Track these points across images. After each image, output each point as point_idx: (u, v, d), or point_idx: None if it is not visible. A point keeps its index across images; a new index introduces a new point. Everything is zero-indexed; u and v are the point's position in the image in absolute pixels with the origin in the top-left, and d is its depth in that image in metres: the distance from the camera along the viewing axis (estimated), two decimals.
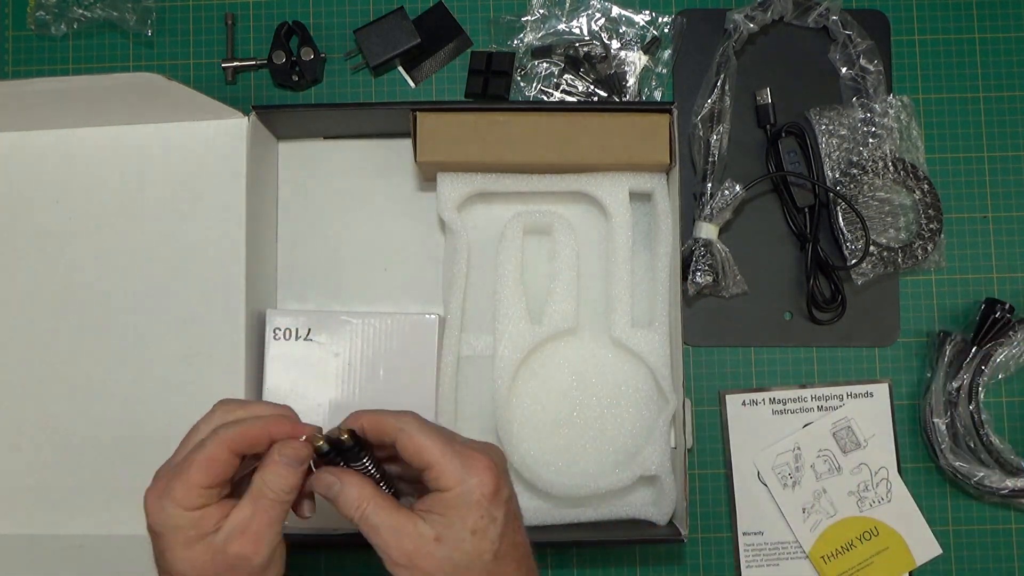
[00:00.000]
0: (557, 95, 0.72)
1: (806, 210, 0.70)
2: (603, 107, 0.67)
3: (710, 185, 0.70)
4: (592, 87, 0.72)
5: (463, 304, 0.67)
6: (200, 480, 0.45)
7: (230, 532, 0.46)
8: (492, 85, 0.71)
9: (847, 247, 0.70)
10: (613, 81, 0.71)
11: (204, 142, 0.68)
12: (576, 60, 0.71)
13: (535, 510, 0.66)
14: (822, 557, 0.69)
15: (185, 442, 0.49)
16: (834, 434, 0.70)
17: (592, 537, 0.66)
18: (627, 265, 0.67)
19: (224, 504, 0.47)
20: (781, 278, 0.72)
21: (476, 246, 0.69)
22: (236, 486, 0.49)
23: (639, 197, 0.69)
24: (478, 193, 0.68)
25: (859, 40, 0.71)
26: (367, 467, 0.49)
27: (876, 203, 0.71)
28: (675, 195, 0.66)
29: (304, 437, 0.48)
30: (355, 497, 0.47)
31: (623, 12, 0.73)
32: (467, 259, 0.67)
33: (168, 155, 0.69)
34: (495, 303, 0.67)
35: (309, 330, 0.66)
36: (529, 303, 0.67)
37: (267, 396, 0.66)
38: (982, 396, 0.68)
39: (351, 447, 0.48)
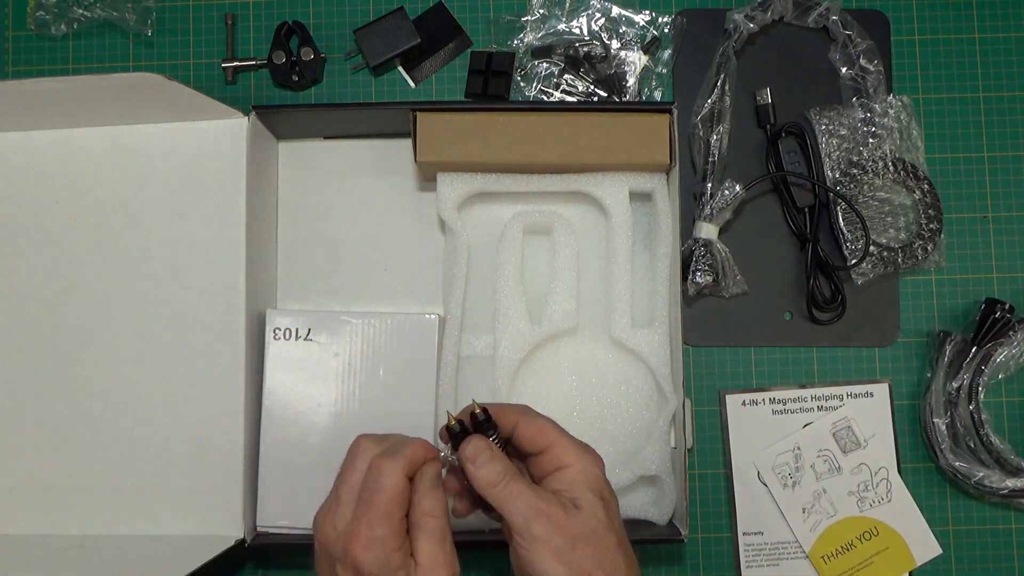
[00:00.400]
0: (557, 95, 0.72)
1: (806, 210, 0.70)
2: (603, 107, 0.67)
3: (710, 185, 0.70)
4: (592, 87, 0.72)
5: (463, 304, 0.67)
6: (400, 514, 0.48)
7: (430, 569, 0.48)
8: (492, 85, 0.71)
9: (847, 247, 0.70)
10: (613, 81, 0.71)
11: (204, 142, 0.68)
12: (576, 60, 0.71)
13: None
14: (822, 557, 0.69)
15: (350, 488, 0.50)
16: (834, 434, 0.70)
17: None
18: (627, 265, 0.67)
19: (406, 538, 0.49)
20: (781, 278, 0.72)
21: (476, 246, 0.69)
22: None
23: (639, 197, 0.69)
24: (478, 193, 0.68)
25: (859, 40, 0.71)
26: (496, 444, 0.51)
27: (876, 203, 0.71)
28: (675, 195, 0.66)
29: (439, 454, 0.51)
30: (501, 468, 0.49)
31: (623, 12, 0.73)
32: (467, 259, 0.67)
33: (168, 155, 0.69)
34: (495, 303, 0.67)
35: (309, 330, 0.66)
36: (529, 303, 0.67)
37: (267, 396, 0.66)
38: (982, 396, 0.68)
39: (484, 421, 0.51)
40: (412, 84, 0.74)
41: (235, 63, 0.73)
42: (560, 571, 0.47)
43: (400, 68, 0.74)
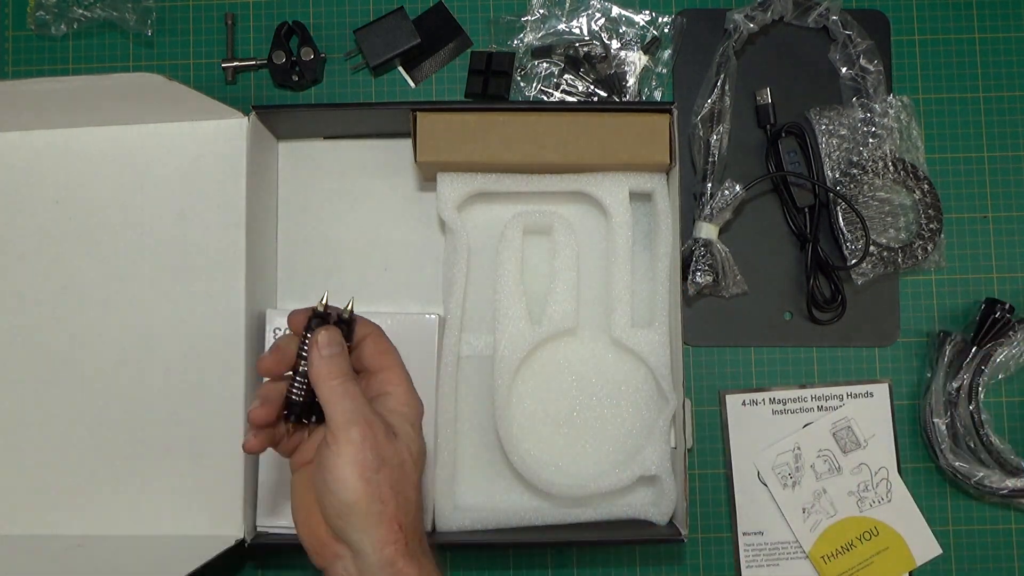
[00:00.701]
0: (557, 95, 0.72)
1: (806, 210, 0.70)
2: (603, 107, 0.67)
3: (710, 185, 0.70)
4: (592, 87, 0.72)
5: (463, 304, 0.67)
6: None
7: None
8: (492, 85, 0.71)
9: (847, 247, 0.70)
10: (613, 81, 0.71)
11: (204, 142, 0.68)
12: (576, 60, 0.71)
13: (535, 510, 0.66)
14: (822, 557, 0.69)
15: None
16: (834, 434, 0.70)
17: (592, 537, 0.66)
18: (627, 265, 0.67)
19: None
20: (781, 278, 0.72)
21: (476, 246, 0.68)
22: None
23: (639, 197, 0.69)
24: (478, 193, 0.68)
25: (859, 40, 0.71)
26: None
27: (876, 203, 0.71)
28: (675, 195, 0.66)
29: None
30: (346, 366, 0.49)
31: (623, 12, 0.73)
32: (467, 259, 0.67)
33: (168, 155, 0.69)
34: (495, 303, 0.67)
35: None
36: (529, 303, 0.67)
37: None
38: (982, 396, 0.68)
39: (347, 321, 0.51)
40: (412, 84, 0.74)
41: (235, 63, 0.73)
42: (358, 484, 0.47)
43: (400, 68, 0.74)
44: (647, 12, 0.73)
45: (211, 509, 0.66)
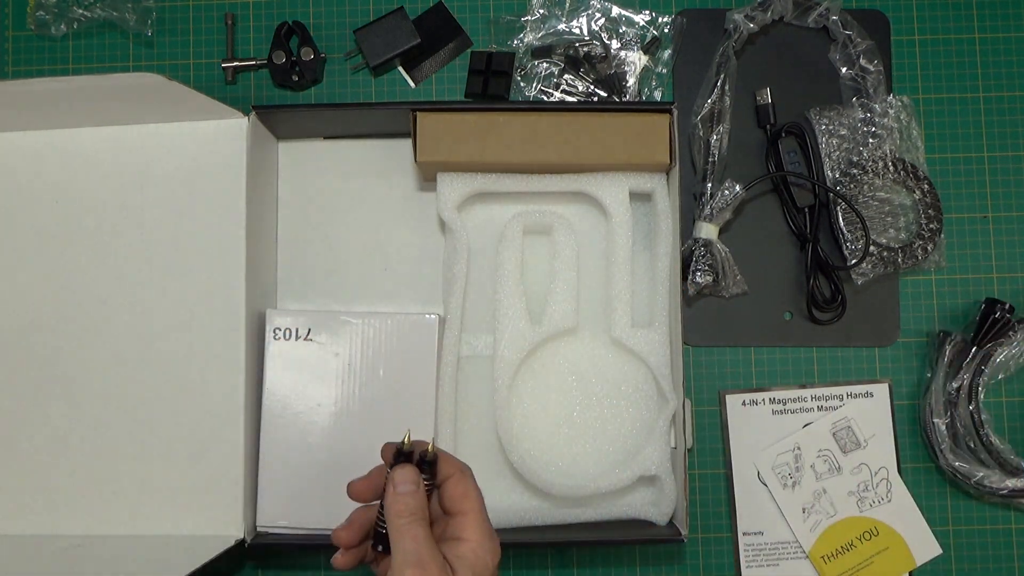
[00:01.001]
0: (557, 95, 0.72)
1: (806, 210, 0.70)
2: (603, 107, 0.67)
3: (710, 185, 0.70)
4: (592, 87, 0.72)
5: (463, 304, 0.67)
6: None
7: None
8: (492, 85, 0.71)
9: (847, 247, 0.70)
10: (613, 81, 0.71)
11: (204, 142, 0.68)
12: (576, 60, 0.71)
13: (535, 510, 0.66)
14: (822, 557, 0.69)
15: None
16: (834, 434, 0.70)
17: (592, 537, 0.66)
18: (627, 265, 0.67)
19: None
20: (781, 278, 0.72)
21: (476, 246, 0.68)
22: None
23: (639, 197, 0.69)
24: (478, 193, 0.68)
25: (859, 40, 0.71)
26: (427, 488, 0.51)
27: (876, 203, 0.71)
28: (675, 195, 0.66)
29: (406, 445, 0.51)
30: (416, 506, 0.49)
31: (623, 12, 0.73)
32: (467, 259, 0.67)
33: (168, 155, 0.69)
34: (495, 303, 0.67)
35: (309, 330, 0.66)
36: (529, 303, 0.67)
37: (267, 396, 0.66)
38: (982, 396, 0.68)
39: (429, 462, 0.51)
40: (412, 84, 0.74)
41: (235, 63, 0.73)
42: None
43: (400, 68, 0.74)
44: (647, 12, 0.73)
45: (211, 509, 0.66)
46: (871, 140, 0.70)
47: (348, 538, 0.52)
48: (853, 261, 0.69)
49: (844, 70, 0.72)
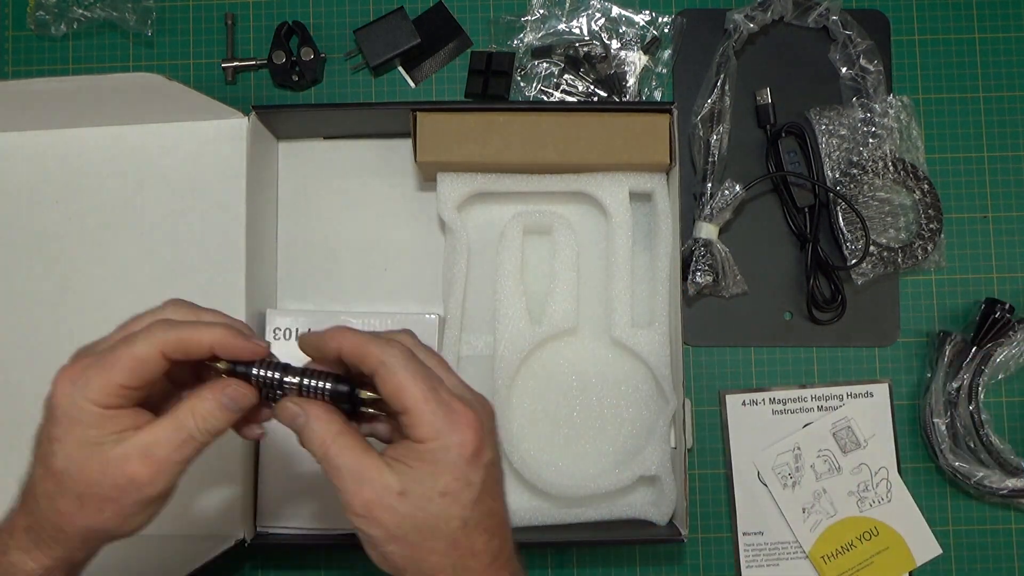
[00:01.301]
0: (557, 95, 0.72)
1: (806, 210, 0.70)
2: (603, 107, 0.67)
3: (710, 185, 0.70)
4: (592, 87, 0.72)
5: (463, 304, 0.67)
6: (121, 378, 0.42)
7: (131, 450, 0.42)
8: (492, 85, 0.71)
9: (847, 247, 0.70)
10: (613, 81, 0.71)
11: (204, 142, 0.68)
12: (576, 60, 0.71)
13: (535, 510, 0.66)
14: (822, 557, 0.69)
15: (120, 329, 0.45)
16: (834, 434, 0.70)
17: (592, 537, 0.66)
18: (627, 265, 0.67)
19: (137, 413, 0.42)
20: (781, 278, 0.72)
21: (476, 246, 0.68)
22: (160, 401, 0.45)
23: (639, 197, 0.69)
24: (478, 193, 0.68)
25: (859, 40, 0.71)
26: (326, 391, 0.44)
27: (876, 203, 0.71)
28: (675, 195, 0.66)
29: (254, 364, 0.44)
30: (320, 432, 0.42)
31: (623, 12, 0.73)
32: (467, 259, 0.67)
33: (168, 155, 0.69)
34: (495, 303, 0.67)
35: (309, 330, 0.66)
36: (529, 303, 0.67)
37: None
38: (982, 396, 0.68)
39: (277, 366, 0.44)
40: (412, 84, 0.74)
41: (235, 63, 0.73)
42: (375, 558, 0.43)
43: (400, 68, 0.74)
44: (647, 12, 0.73)
45: (211, 509, 0.66)
46: (871, 140, 0.70)
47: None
48: (853, 261, 0.69)
49: (844, 70, 0.72)
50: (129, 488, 0.43)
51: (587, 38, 0.72)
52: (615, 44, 0.72)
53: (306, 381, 0.44)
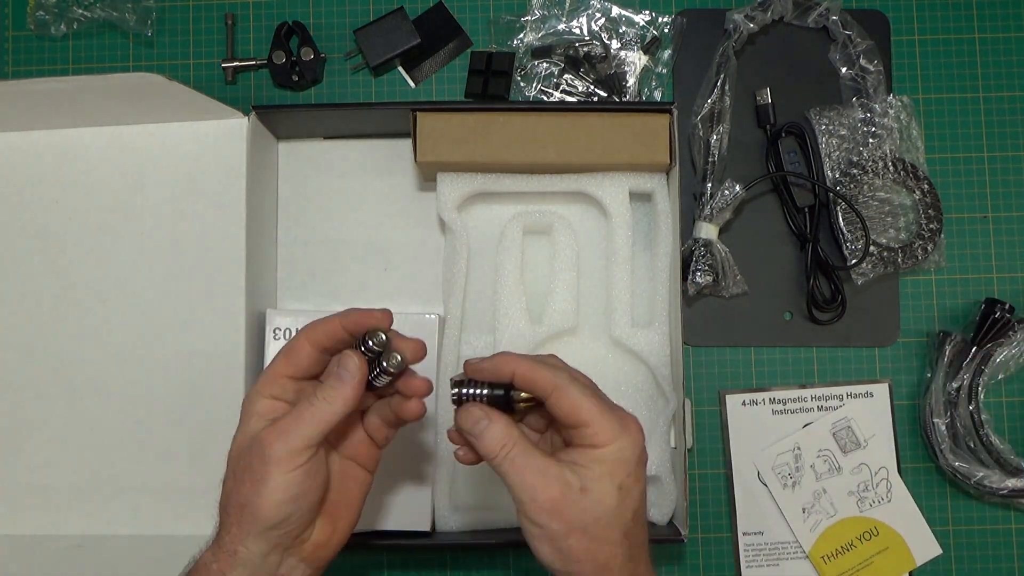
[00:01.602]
0: (557, 95, 0.72)
1: (806, 210, 0.70)
2: (603, 107, 0.67)
3: (710, 185, 0.70)
4: (592, 87, 0.72)
5: (463, 304, 0.67)
6: (280, 369, 0.49)
7: (265, 417, 0.48)
8: (492, 85, 0.71)
9: (847, 247, 0.70)
10: (613, 81, 0.71)
11: (204, 142, 0.68)
12: (576, 60, 0.71)
13: None
14: (822, 557, 0.69)
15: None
16: (834, 434, 0.70)
17: None
18: (627, 265, 0.67)
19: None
20: (781, 278, 0.72)
21: (476, 246, 0.68)
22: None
23: (639, 197, 0.69)
24: (478, 193, 0.68)
25: (859, 40, 0.71)
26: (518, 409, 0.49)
27: (876, 203, 0.71)
28: (675, 195, 0.66)
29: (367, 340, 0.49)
30: (502, 435, 0.47)
31: (623, 12, 0.73)
32: (467, 259, 0.67)
33: (168, 155, 0.69)
34: (495, 303, 0.67)
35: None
36: (529, 303, 0.67)
37: None
38: (982, 396, 0.68)
39: (470, 382, 0.49)
40: (412, 84, 0.74)
41: (235, 63, 0.73)
42: (549, 554, 0.47)
43: (400, 68, 0.74)
44: (647, 12, 0.73)
45: (211, 509, 0.66)
46: (871, 140, 0.70)
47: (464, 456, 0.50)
48: (853, 261, 0.69)
49: (844, 70, 0.72)
50: (256, 453, 0.48)
51: (587, 38, 0.72)
52: (615, 44, 0.72)
53: (467, 390, 0.49)
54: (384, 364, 0.49)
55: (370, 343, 0.49)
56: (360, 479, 0.52)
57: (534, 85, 0.72)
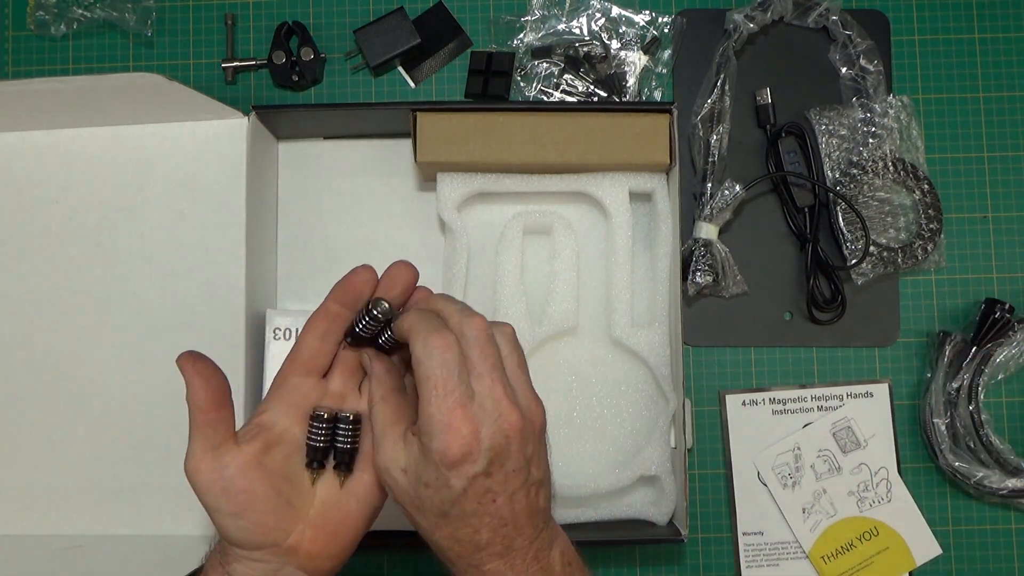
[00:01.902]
0: (557, 95, 0.72)
1: (806, 210, 0.70)
2: (603, 107, 0.67)
3: (710, 185, 0.70)
4: (592, 87, 0.72)
5: None
6: (287, 368, 0.51)
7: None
8: (492, 85, 0.71)
9: (847, 247, 0.70)
10: (613, 81, 0.71)
11: (204, 142, 0.68)
12: (576, 60, 0.71)
13: None
14: (822, 557, 0.69)
15: None
16: (834, 434, 0.70)
17: (592, 537, 0.66)
18: (627, 265, 0.67)
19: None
20: (781, 278, 0.72)
21: (476, 246, 0.68)
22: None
23: (639, 197, 0.69)
24: (478, 193, 0.68)
25: (859, 40, 0.71)
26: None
27: (876, 203, 0.71)
28: (675, 195, 0.66)
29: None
30: (372, 387, 0.49)
31: (623, 12, 0.73)
32: (467, 259, 0.67)
33: (168, 155, 0.69)
34: (495, 303, 0.67)
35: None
36: (529, 303, 0.67)
37: None
38: (982, 396, 0.68)
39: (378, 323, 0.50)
40: (412, 84, 0.74)
41: (235, 63, 0.73)
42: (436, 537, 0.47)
43: (400, 68, 0.74)
44: (647, 12, 0.73)
45: None
46: (871, 140, 0.70)
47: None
48: (853, 261, 0.69)
49: (844, 70, 0.72)
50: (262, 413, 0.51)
51: (587, 38, 0.72)
52: (615, 44, 0.72)
53: (360, 325, 0.50)
54: (375, 312, 0.50)
55: (375, 313, 0.50)
56: (362, 497, 0.51)
57: (534, 85, 0.72)
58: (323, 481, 0.50)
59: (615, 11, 0.73)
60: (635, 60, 0.72)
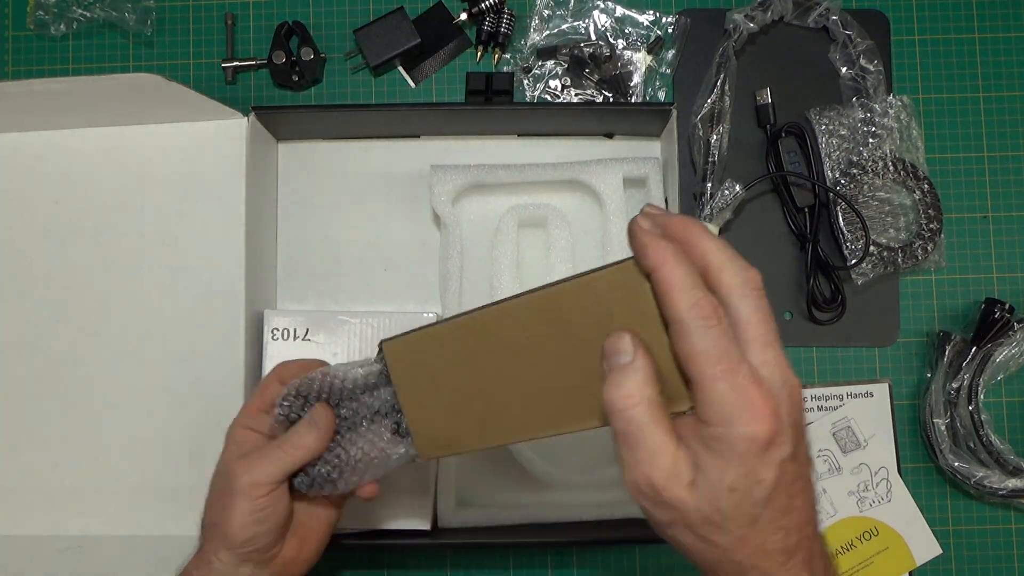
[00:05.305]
0: (562, 96, 0.72)
1: (806, 210, 0.70)
2: (603, 107, 0.67)
3: (710, 185, 0.70)
4: (597, 87, 0.72)
5: (459, 299, 0.67)
6: (254, 403, 0.54)
7: (240, 446, 0.52)
8: (494, 103, 0.70)
9: (847, 247, 0.70)
10: (618, 81, 0.71)
11: (204, 142, 0.68)
12: (581, 60, 0.71)
13: (536, 507, 0.66)
14: None
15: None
16: (834, 434, 0.70)
17: (592, 537, 0.66)
18: (623, 254, 0.67)
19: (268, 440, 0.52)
20: (781, 278, 0.72)
21: (471, 240, 0.68)
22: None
23: (633, 183, 0.68)
24: (472, 185, 0.68)
25: (859, 40, 0.71)
26: None
27: (876, 203, 0.71)
28: (675, 195, 0.66)
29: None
30: (636, 387, 0.37)
31: (627, 12, 0.73)
32: (460, 253, 0.67)
33: (168, 155, 0.69)
34: (491, 297, 0.67)
35: (307, 330, 0.66)
36: None
37: None
38: (982, 396, 0.68)
39: None
40: (412, 84, 0.74)
41: (235, 63, 0.73)
42: (658, 531, 0.40)
43: (400, 68, 0.74)
44: (651, 12, 0.73)
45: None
46: (871, 140, 0.70)
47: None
48: (853, 261, 0.69)
49: (844, 70, 0.72)
50: (226, 477, 0.52)
51: (592, 38, 0.72)
52: (620, 44, 0.72)
53: None
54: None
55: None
56: (323, 515, 0.54)
57: (537, 85, 0.72)
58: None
59: (619, 11, 0.73)
60: (640, 60, 0.72)
